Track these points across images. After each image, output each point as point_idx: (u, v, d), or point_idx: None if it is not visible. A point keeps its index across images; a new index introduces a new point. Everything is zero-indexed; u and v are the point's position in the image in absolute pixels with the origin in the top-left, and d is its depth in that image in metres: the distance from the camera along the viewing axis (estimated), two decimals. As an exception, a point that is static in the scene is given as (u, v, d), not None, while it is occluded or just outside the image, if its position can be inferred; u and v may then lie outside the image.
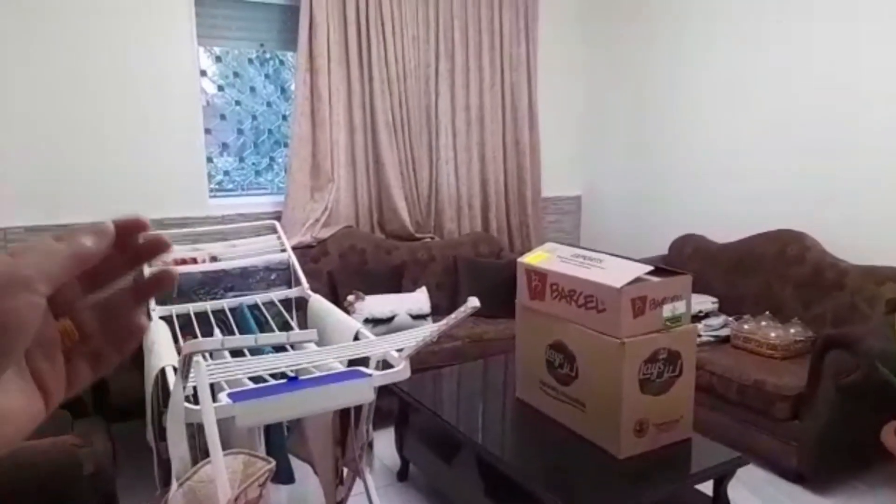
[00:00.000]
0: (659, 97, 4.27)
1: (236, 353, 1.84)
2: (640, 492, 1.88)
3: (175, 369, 1.64)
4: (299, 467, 2.48)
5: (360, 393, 1.54)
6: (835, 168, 3.33)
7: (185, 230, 2.85)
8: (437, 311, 3.74)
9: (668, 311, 2.04)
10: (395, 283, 3.63)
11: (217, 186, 3.84)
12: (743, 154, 3.79)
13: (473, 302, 1.44)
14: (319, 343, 2.30)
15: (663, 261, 3.99)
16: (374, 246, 3.78)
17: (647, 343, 2.00)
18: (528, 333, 2.38)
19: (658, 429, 2.07)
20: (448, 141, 4.12)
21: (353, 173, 3.85)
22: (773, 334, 3.04)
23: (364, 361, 1.81)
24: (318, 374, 1.66)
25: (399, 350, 1.69)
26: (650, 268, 2.03)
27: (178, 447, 1.51)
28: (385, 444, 2.95)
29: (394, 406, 2.77)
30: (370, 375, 1.57)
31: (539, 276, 2.27)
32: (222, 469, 1.20)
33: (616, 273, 2.02)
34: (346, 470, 1.95)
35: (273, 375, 1.67)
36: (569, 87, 4.75)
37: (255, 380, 1.64)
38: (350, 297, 3.30)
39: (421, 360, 3.18)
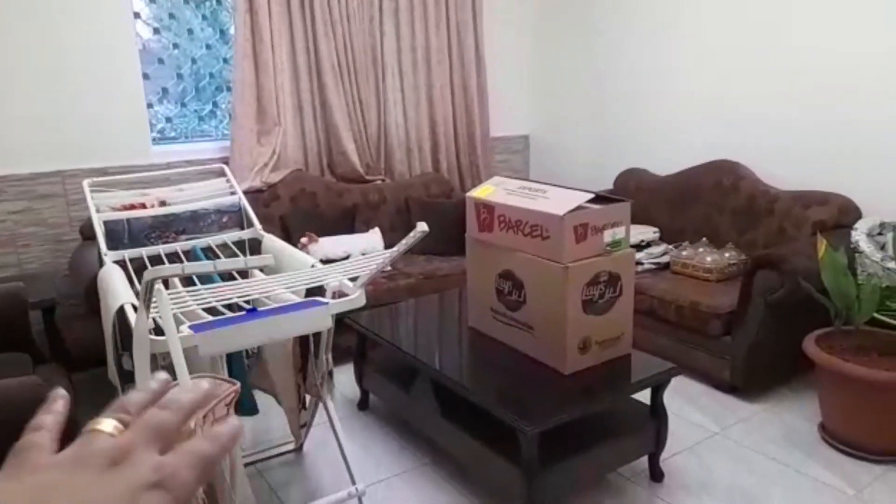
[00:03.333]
0: (604, 36, 4.33)
1: (190, 287, 1.88)
2: (584, 403, 2.03)
3: (135, 307, 1.68)
4: (262, 400, 2.57)
5: (319, 320, 1.61)
6: (765, 98, 3.49)
7: (131, 176, 2.81)
8: (391, 252, 3.82)
9: (608, 236, 2.15)
10: (347, 225, 3.68)
11: (160, 135, 3.77)
12: (681, 89, 3.91)
13: (422, 227, 1.51)
14: (275, 280, 2.36)
15: (609, 194, 4.13)
16: (325, 189, 3.79)
17: (589, 266, 2.11)
18: (478, 264, 2.48)
19: (600, 346, 2.21)
20: (395, 82, 4.11)
21: (300, 117, 3.83)
22: (708, 259, 3.22)
23: (319, 295, 1.88)
24: (275, 305, 1.72)
25: (353, 279, 1.76)
26: (591, 195, 2.13)
27: (145, 380, 1.56)
28: (345, 377, 3.05)
29: (352, 342, 2.86)
30: (327, 303, 1.64)
31: (487, 209, 2.35)
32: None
33: (559, 202, 2.11)
34: (307, 397, 2.03)
35: (230, 309, 1.72)
36: (515, 26, 4.76)
37: (212, 314, 1.69)
38: (303, 240, 3.34)
39: (377, 298, 3.27)
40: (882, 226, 2.87)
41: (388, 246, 3.71)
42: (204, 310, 1.70)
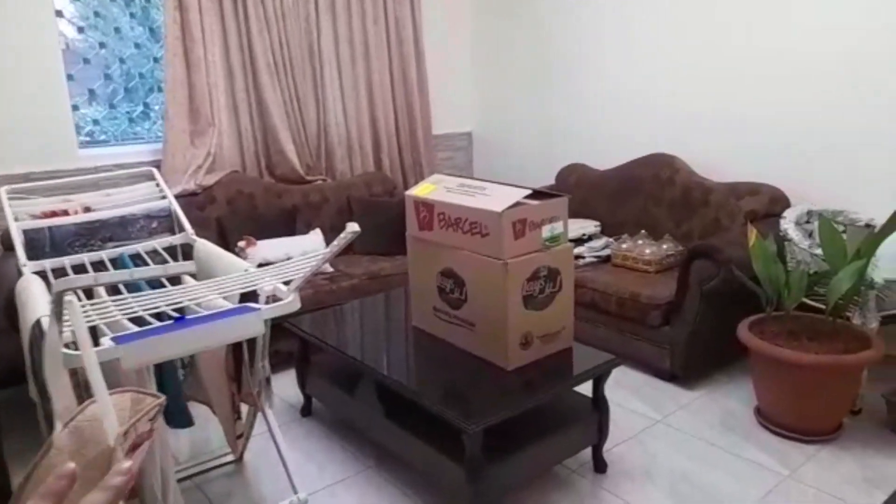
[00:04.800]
0: (545, 31, 4.36)
1: (116, 295, 1.80)
2: (526, 398, 2.03)
3: (52, 320, 1.59)
4: (201, 411, 2.49)
5: (251, 326, 1.56)
6: (698, 93, 3.58)
7: (53, 182, 2.68)
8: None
9: (546, 231, 2.16)
10: (287, 227, 3.60)
11: (90, 138, 3.61)
12: (619, 85, 3.98)
13: (353, 227, 1.48)
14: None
15: (550, 190, 4.17)
16: (263, 190, 3.71)
17: (529, 262, 2.12)
18: (419, 263, 2.46)
19: (542, 341, 2.22)
20: (334, 79, 4.05)
21: (236, 117, 3.73)
22: (647, 251, 3.28)
23: (253, 300, 1.82)
24: (205, 312, 1.66)
25: (288, 283, 1.71)
26: (529, 191, 2.14)
27: (62, 396, 1.49)
28: (287, 383, 2.99)
29: (294, 347, 2.80)
30: (259, 309, 1.59)
31: (427, 207, 2.33)
32: (109, 407, 1.20)
33: (497, 199, 2.11)
34: (243, 406, 1.98)
35: (158, 318, 1.66)
36: (455, 22, 4.76)
37: (138, 323, 1.62)
38: (241, 244, 3.25)
39: (319, 300, 3.22)
40: (809, 214, 2.98)
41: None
42: (130, 319, 1.63)
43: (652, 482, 2.28)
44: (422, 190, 2.37)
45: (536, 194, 2.20)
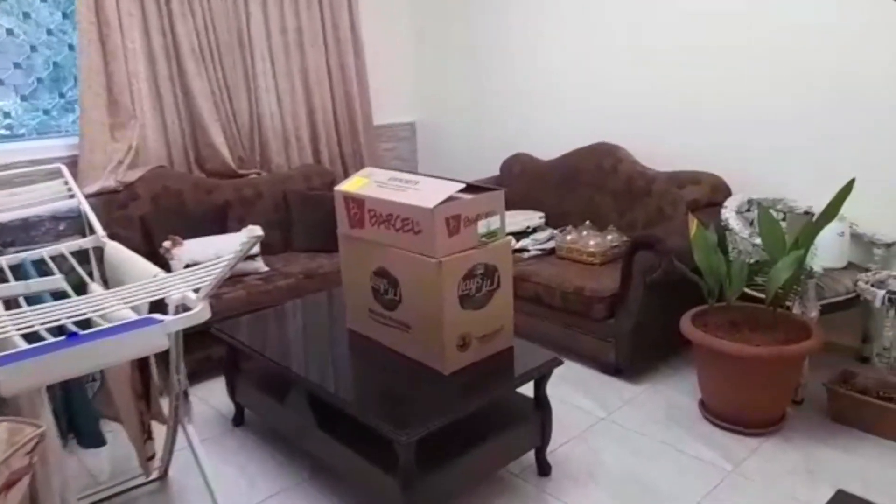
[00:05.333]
0: (484, 18, 4.25)
1: (12, 305, 1.62)
2: (465, 403, 1.93)
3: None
4: (113, 428, 2.31)
5: (151, 341, 1.41)
6: (638, 82, 3.53)
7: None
8: (271, 251, 3.58)
9: (482, 227, 2.06)
10: (218, 224, 3.41)
11: (9, 131, 3.34)
12: (560, 74, 3.90)
13: (254, 231, 1.34)
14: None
15: (495, 180, 4.09)
16: (191, 186, 3.50)
17: (464, 260, 2.01)
18: (352, 263, 2.33)
19: (480, 341, 2.12)
20: (266, 67, 3.86)
21: (160, 107, 3.51)
22: (592, 242, 3.22)
23: (164, 309, 1.67)
24: (105, 326, 1.50)
25: (197, 290, 1.57)
26: (462, 185, 2.03)
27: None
28: (219, 391, 2.83)
29: (224, 353, 2.64)
30: (161, 321, 1.44)
31: (357, 203, 2.20)
32: (-32, 444, 1.05)
33: (429, 194, 1.99)
34: (157, 423, 1.82)
35: (61, 332, 1.49)
36: (394, 8, 4.60)
37: (32, 340, 1.45)
38: (166, 244, 3.05)
39: (253, 301, 3.06)
40: (750, 202, 2.96)
41: (265, 245, 3.49)
42: (27, 336, 1.46)
43: (597, 483, 2.22)
44: (352, 185, 2.24)
45: (471, 188, 2.09)
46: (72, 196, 2.37)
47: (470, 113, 4.52)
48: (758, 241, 2.61)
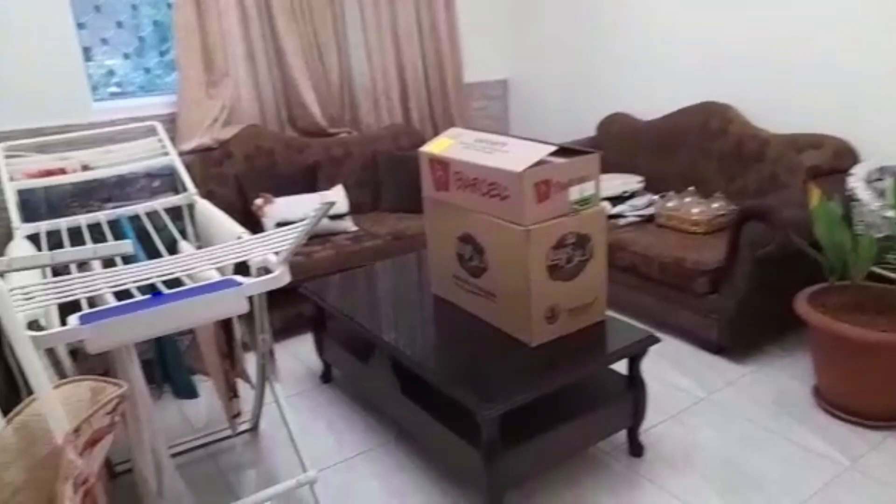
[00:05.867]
0: (582, -35, 3.98)
1: (109, 264, 1.65)
2: (552, 378, 1.82)
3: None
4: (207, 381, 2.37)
5: (230, 304, 1.39)
6: (755, 35, 3.19)
7: (53, 138, 2.54)
8: (360, 210, 3.57)
9: (575, 193, 1.91)
10: (308, 183, 3.42)
11: (119, 89, 3.46)
12: (668, 27, 3.60)
13: (330, 197, 1.28)
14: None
15: (591, 142, 3.88)
16: (283, 145, 3.52)
17: (554, 228, 1.88)
18: (436, 227, 2.25)
19: (570, 314, 2.00)
20: (356, 23, 3.79)
21: (253, 66, 3.52)
22: (695, 210, 2.99)
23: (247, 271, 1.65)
24: (189, 286, 1.50)
25: (277, 254, 1.53)
26: (553, 148, 1.88)
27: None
28: (309, 347, 2.85)
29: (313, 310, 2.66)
30: (240, 284, 1.41)
31: (442, 166, 2.10)
32: (52, 401, 1.05)
33: (518, 157, 1.86)
34: (238, 381, 1.84)
35: (146, 290, 1.50)
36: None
37: (121, 296, 1.47)
38: (258, 201, 3.09)
39: (341, 262, 3.05)
40: (881, 170, 2.63)
41: (354, 205, 3.46)
42: (118, 294, 1.48)
43: (693, 468, 2.07)
44: (437, 146, 2.14)
45: (564, 151, 1.94)
46: (166, 153, 2.41)
47: (566, 69, 4.28)
48: (890, 214, 2.31)
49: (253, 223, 3.12)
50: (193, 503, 1.97)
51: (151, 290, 1.44)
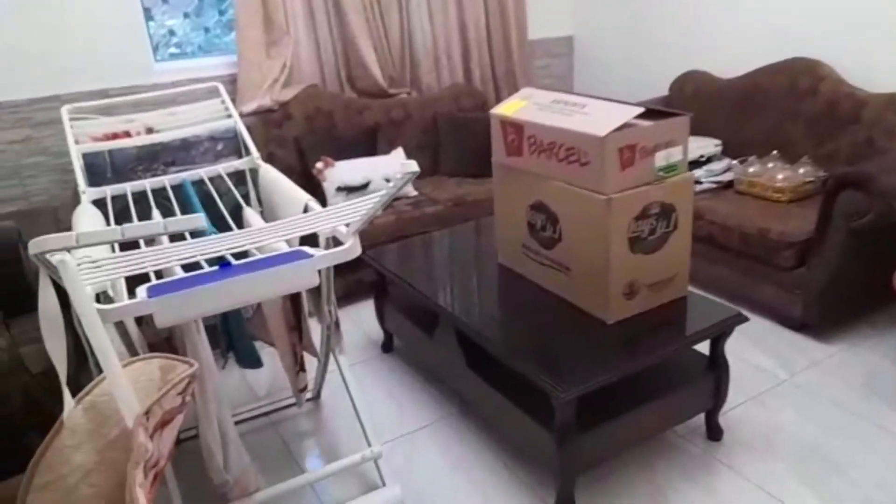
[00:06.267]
0: (658, -90, 3.70)
1: (177, 237, 1.62)
2: (632, 360, 1.72)
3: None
4: (270, 350, 2.35)
5: (300, 277, 1.32)
6: (859, -19, 2.90)
7: (116, 100, 2.52)
8: (419, 174, 3.47)
9: (661, 159, 1.77)
10: (368, 146, 3.34)
11: (178, 50, 3.43)
12: (753, -28, 3.32)
13: (410, 167, 1.18)
14: (269, 218, 2.08)
15: (664, 102, 3.66)
16: (343, 107, 3.43)
17: (637, 197, 1.75)
18: (506, 194, 2.13)
19: (650, 289, 1.87)
20: (418, -20, 3.63)
21: (313, 24, 3.42)
22: (780, 176, 2.78)
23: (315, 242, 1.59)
24: (259, 256, 1.44)
25: (347, 225, 1.46)
26: (640, 110, 1.73)
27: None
28: (370, 314, 2.81)
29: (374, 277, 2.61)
30: (311, 256, 1.34)
31: (515, 129, 1.98)
32: (121, 382, 1.01)
33: (600, 119, 1.73)
34: (305, 354, 1.80)
35: (213, 262, 1.45)
36: None
37: (189, 268, 1.43)
38: (318, 165, 3.03)
39: (401, 228, 2.99)
40: None
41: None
42: (187, 267, 1.43)
43: (774, 453, 1.95)
44: (509, 107, 2.01)
45: (650, 113, 1.79)
46: (229, 116, 2.35)
47: (635, 23, 4.03)
48: None
49: (313, 186, 3.07)
50: (258, 475, 1.96)
51: (219, 260, 1.39)
